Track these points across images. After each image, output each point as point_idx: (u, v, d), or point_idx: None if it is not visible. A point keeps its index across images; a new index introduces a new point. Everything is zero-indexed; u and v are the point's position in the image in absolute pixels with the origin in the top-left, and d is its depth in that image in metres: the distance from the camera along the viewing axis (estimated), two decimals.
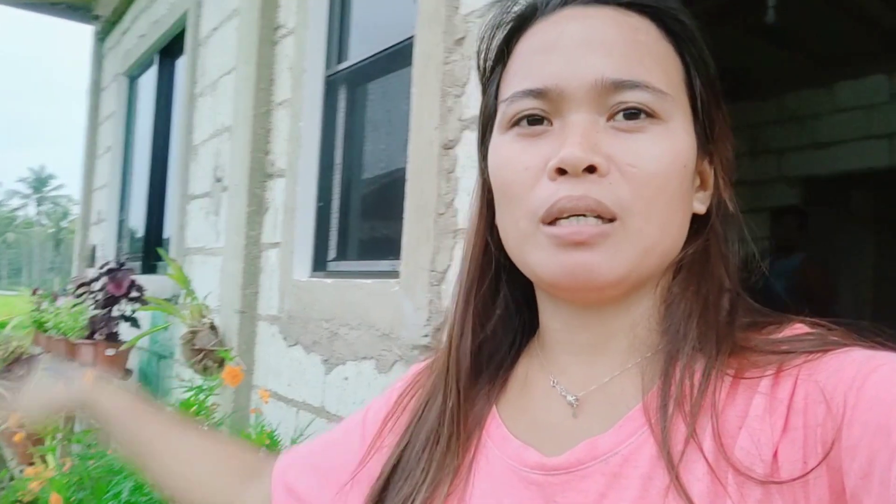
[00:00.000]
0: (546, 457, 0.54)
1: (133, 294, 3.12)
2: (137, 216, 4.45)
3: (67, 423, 2.51)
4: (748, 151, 4.84)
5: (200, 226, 3.20)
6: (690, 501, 0.45)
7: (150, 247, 4.08)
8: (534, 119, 0.54)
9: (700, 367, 0.50)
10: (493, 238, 0.60)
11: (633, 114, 0.52)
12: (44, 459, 2.19)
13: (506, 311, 0.64)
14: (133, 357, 3.38)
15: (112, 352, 3.04)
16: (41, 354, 3.48)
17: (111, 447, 1.78)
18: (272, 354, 2.44)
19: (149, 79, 4.46)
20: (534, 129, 0.54)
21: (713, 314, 0.53)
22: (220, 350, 2.43)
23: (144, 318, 3.28)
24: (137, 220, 4.45)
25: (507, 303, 0.64)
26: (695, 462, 0.47)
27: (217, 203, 3.00)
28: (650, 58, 0.53)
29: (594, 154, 0.51)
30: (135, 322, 3.19)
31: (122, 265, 3.23)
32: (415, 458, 0.60)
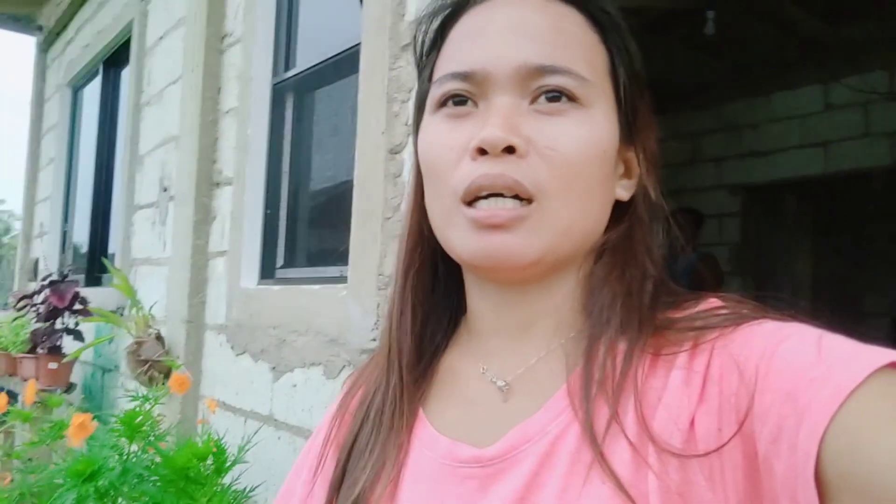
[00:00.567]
0: (479, 449, 0.54)
1: (77, 306, 3.05)
2: (81, 228, 4.36)
3: (7, 439, 2.44)
4: (689, 160, 4.97)
5: (146, 236, 3.15)
6: (613, 473, 0.47)
7: (95, 258, 4.00)
8: (459, 100, 0.56)
9: (622, 349, 0.52)
10: (426, 220, 0.61)
11: (555, 97, 0.53)
12: None
13: (445, 292, 0.65)
14: (77, 370, 3.30)
15: (55, 365, 2.97)
16: None
17: (53, 461, 1.74)
18: (220, 364, 2.42)
19: (93, 89, 4.38)
20: (459, 111, 0.56)
21: (636, 299, 0.54)
22: (167, 360, 2.40)
23: (88, 331, 3.21)
24: (81, 232, 4.36)
25: (445, 283, 0.64)
26: (618, 440, 0.49)
27: (163, 213, 2.96)
28: (574, 45, 0.55)
29: (513, 135, 0.52)
30: (78, 335, 3.12)
31: (66, 277, 3.16)
32: (363, 443, 0.60)
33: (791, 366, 0.44)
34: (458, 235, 0.55)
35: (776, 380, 0.44)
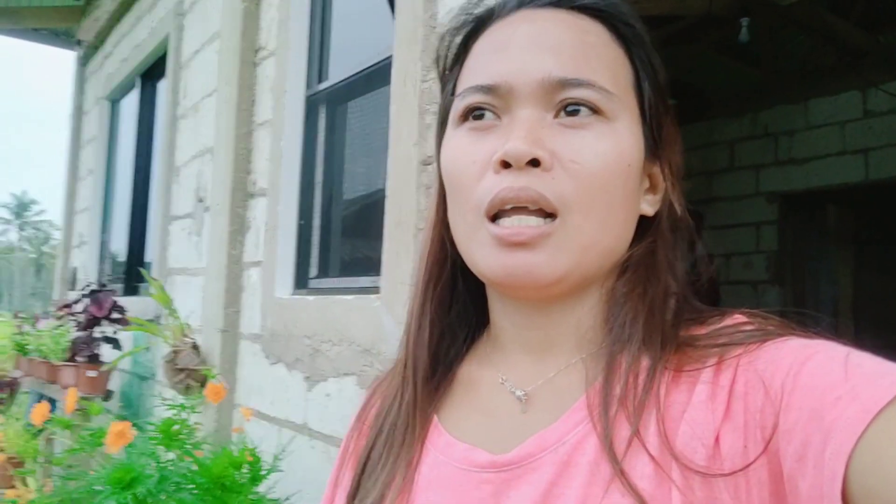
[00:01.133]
0: (496, 455, 0.54)
1: (115, 315, 3.11)
2: (119, 238, 4.44)
3: (48, 445, 2.49)
4: (725, 168, 4.91)
5: (182, 246, 3.20)
6: (634, 487, 0.46)
7: (132, 268, 4.07)
8: (482, 113, 0.56)
9: (645, 366, 0.51)
10: (449, 233, 0.61)
11: (579, 110, 0.53)
12: (25, 482, 2.17)
13: (463, 307, 0.64)
14: (115, 378, 3.36)
15: (93, 373, 3.02)
16: (22, 378, 3.45)
17: (92, 468, 1.77)
18: (254, 373, 2.44)
19: (131, 102, 4.47)
20: (483, 124, 0.55)
21: (658, 317, 0.54)
22: (203, 369, 2.43)
23: (126, 340, 3.26)
24: (119, 243, 4.44)
25: (464, 298, 0.64)
26: (638, 454, 0.48)
27: (199, 223, 3.01)
28: (598, 59, 0.54)
29: (538, 148, 0.51)
30: (116, 343, 3.17)
31: (104, 286, 3.22)
32: (376, 456, 0.60)
33: (817, 384, 0.43)
34: (482, 252, 0.55)
35: (802, 397, 0.43)
